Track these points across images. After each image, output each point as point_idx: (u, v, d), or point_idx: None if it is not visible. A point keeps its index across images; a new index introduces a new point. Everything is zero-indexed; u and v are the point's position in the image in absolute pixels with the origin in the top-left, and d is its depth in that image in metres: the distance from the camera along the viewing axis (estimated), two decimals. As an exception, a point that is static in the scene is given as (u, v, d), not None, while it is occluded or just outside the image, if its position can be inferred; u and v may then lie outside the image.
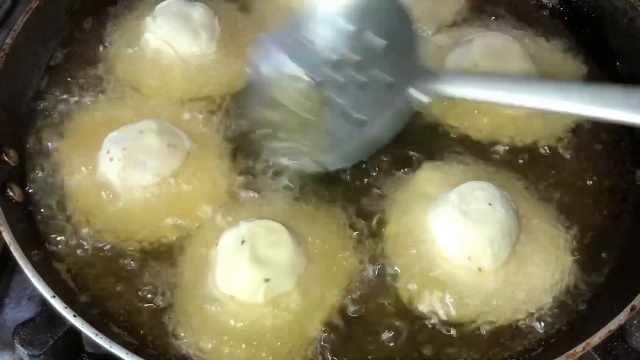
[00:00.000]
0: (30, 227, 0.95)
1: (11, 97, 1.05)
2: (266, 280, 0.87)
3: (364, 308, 0.91)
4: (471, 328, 0.90)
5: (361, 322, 0.90)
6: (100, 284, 0.92)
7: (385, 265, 0.94)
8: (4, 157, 0.98)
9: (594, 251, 0.97)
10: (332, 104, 0.98)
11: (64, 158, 1.02)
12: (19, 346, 0.86)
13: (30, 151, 1.02)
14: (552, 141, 1.07)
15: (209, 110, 1.08)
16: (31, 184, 0.99)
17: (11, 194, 0.96)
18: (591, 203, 1.02)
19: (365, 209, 0.99)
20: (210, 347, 0.87)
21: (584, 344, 0.82)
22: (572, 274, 0.94)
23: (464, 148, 1.05)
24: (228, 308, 0.88)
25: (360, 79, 0.97)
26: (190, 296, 0.90)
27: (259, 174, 1.01)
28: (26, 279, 0.86)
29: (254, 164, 1.02)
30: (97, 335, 0.81)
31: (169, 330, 0.89)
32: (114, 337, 0.82)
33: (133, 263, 0.93)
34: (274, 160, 1.00)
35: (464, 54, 1.09)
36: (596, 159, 1.07)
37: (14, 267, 1.02)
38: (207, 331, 0.88)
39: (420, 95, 0.93)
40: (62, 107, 1.08)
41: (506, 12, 1.23)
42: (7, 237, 0.88)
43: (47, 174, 1.00)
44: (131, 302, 0.91)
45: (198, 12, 1.11)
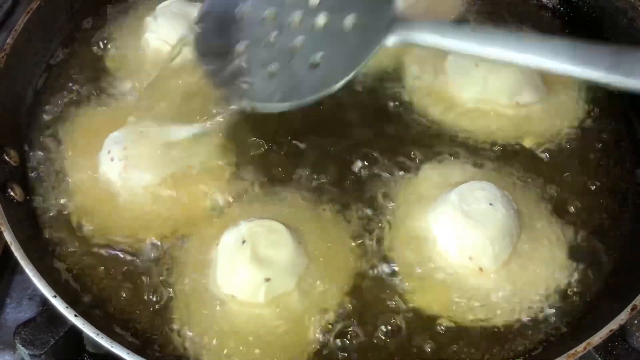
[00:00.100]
0: (31, 226, 0.95)
1: (12, 97, 1.05)
2: (267, 280, 0.87)
3: (364, 307, 0.91)
4: (471, 328, 0.90)
5: (362, 322, 0.90)
6: (101, 283, 0.92)
7: (385, 265, 0.94)
8: (5, 157, 0.99)
9: (594, 251, 0.97)
10: (285, 43, 0.95)
11: (65, 158, 1.02)
12: (20, 346, 0.86)
13: (31, 151, 1.02)
14: (552, 141, 1.07)
15: (209, 109, 1.08)
16: (32, 183, 0.99)
17: (12, 193, 0.96)
18: (591, 203, 1.02)
19: (365, 209, 0.99)
20: (210, 347, 0.87)
21: (584, 343, 0.82)
22: (573, 273, 0.94)
23: (464, 148, 1.05)
24: (229, 308, 0.88)
25: (321, 18, 0.94)
26: (191, 296, 0.90)
27: (259, 173, 1.01)
28: (27, 279, 0.86)
29: (254, 163, 1.02)
30: (98, 335, 0.81)
31: (169, 330, 0.89)
32: (115, 337, 0.82)
33: (134, 263, 0.93)
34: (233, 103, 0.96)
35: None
36: (596, 158, 1.07)
37: (15, 267, 1.02)
38: (207, 331, 0.88)
39: (390, 40, 0.90)
40: (62, 107, 1.08)
41: (506, 13, 1.23)
42: (8, 237, 0.88)
43: (48, 174, 1.00)
44: (132, 302, 0.91)
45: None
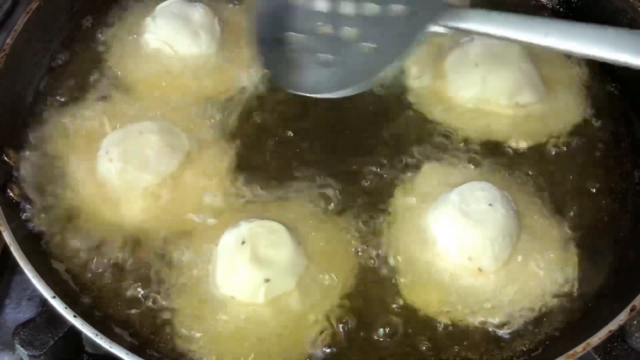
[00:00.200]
0: (31, 227, 0.95)
1: (11, 97, 1.05)
2: (266, 280, 0.87)
3: (364, 308, 0.91)
4: (471, 328, 0.90)
5: (361, 322, 0.90)
6: (100, 284, 0.92)
7: (385, 266, 0.94)
8: (4, 158, 0.99)
9: (594, 251, 0.97)
10: (342, 32, 0.95)
11: (64, 158, 1.01)
12: (19, 347, 0.86)
13: (31, 152, 1.02)
14: (552, 142, 1.07)
15: (208, 110, 1.08)
16: (31, 184, 0.99)
17: (11, 194, 0.96)
18: (591, 203, 1.02)
19: (365, 210, 0.99)
20: (210, 347, 0.87)
21: (584, 344, 0.82)
22: (572, 274, 0.94)
23: (464, 148, 1.05)
24: (228, 308, 0.88)
25: (372, 7, 0.94)
26: (191, 296, 0.90)
27: (259, 174, 1.01)
28: (26, 280, 0.86)
29: (254, 163, 1.02)
30: (97, 335, 0.81)
31: (169, 330, 0.88)
32: (114, 338, 0.82)
33: (133, 263, 0.93)
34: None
35: (464, 54, 1.09)
36: (596, 159, 1.07)
37: (14, 268, 1.02)
38: (207, 331, 0.88)
39: (437, 28, 0.90)
40: (62, 107, 1.07)
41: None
42: (7, 238, 0.88)
43: (47, 175, 1.00)
44: (131, 302, 0.91)
45: (198, 12, 1.11)
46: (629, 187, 1.05)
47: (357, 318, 0.90)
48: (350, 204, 0.99)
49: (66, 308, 0.83)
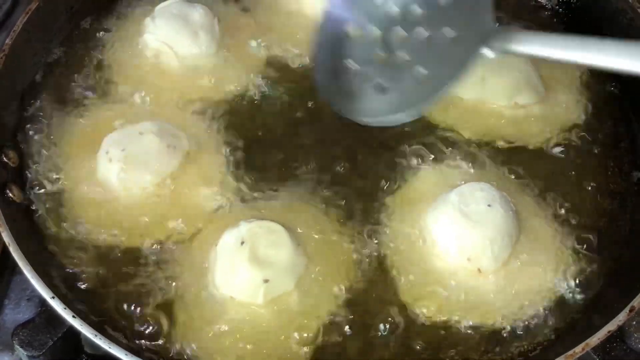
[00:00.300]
0: (30, 227, 0.95)
1: (11, 98, 1.05)
2: (266, 280, 0.87)
3: (363, 308, 0.91)
4: (470, 328, 0.90)
5: (360, 322, 0.90)
6: (100, 284, 0.92)
7: (385, 266, 0.94)
8: (4, 158, 0.98)
9: (593, 251, 0.97)
10: (395, 59, 0.95)
11: (63, 159, 1.01)
12: (18, 347, 0.86)
13: (30, 152, 1.02)
14: (552, 142, 1.07)
15: (208, 111, 1.08)
16: (30, 184, 0.99)
17: (10, 194, 0.95)
18: (590, 204, 1.02)
19: (365, 210, 0.99)
20: (209, 347, 0.87)
21: (583, 344, 0.82)
22: (571, 274, 0.94)
23: (463, 149, 1.05)
24: (227, 308, 0.88)
25: (424, 33, 0.94)
26: (190, 297, 0.90)
27: (258, 174, 1.01)
28: (25, 280, 0.86)
29: (253, 164, 1.02)
30: (96, 336, 0.81)
31: (168, 330, 0.88)
32: (112, 338, 0.82)
33: (132, 264, 0.93)
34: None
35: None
36: (595, 159, 1.07)
37: (14, 268, 1.01)
38: (206, 332, 0.88)
39: (488, 52, 0.88)
40: (62, 108, 1.07)
41: (506, 14, 1.23)
42: (7, 238, 0.88)
43: (47, 175, 1.00)
44: (130, 303, 0.90)
45: (198, 13, 1.11)
46: (629, 187, 1.05)
47: (356, 318, 0.90)
48: (349, 204, 0.99)
49: (65, 308, 0.83)
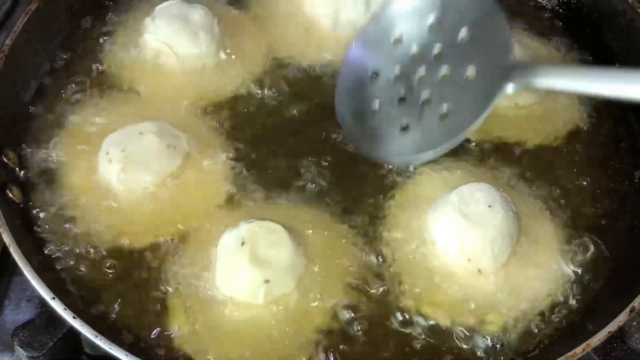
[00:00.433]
0: (30, 228, 0.95)
1: (11, 98, 1.05)
2: (266, 281, 0.87)
3: (363, 309, 0.91)
4: (470, 328, 0.89)
5: (360, 322, 0.90)
6: (100, 285, 0.92)
7: (384, 267, 0.94)
8: (4, 159, 0.98)
9: (593, 252, 0.97)
10: (418, 98, 0.96)
11: (63, 159, 1.01)
12: (18, 348, 0.86)
13: (30, 152, 1.02)
14: (552, 142, 1.07)
15: (208, 111, 1.08)
16: (30, 185, 0.99)
17: (10, 195, 0.96)
18: (591, 204, 1.02)
19: (365, 210, 0.99)
20: (209, 348, 0.87)
21: (583, 345, 0.82)
22: (572, 275, 0.94)
23: (463, 149, 1.05)
24: (228, 309, 0.88)
25: (445, 71, 0.95)
26: (190, 297, 0.90)
27: (258, 174, 1.01)
28: (26, 281, 0.86)
29: (253, 164, 1.02)
30: (96, 336, 0.81)
31: (168, 331, 0.88)
32: (113, 339, 0.82)
33: (133, 264, 0.93)
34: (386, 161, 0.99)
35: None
36: (596, 160, 1.07)
37: (14, 269, 1.01)
38: (206, 332, 0.88)
39: (510, 87, 0.89)
40: (61, 108, 1.07)
41: (505, 14, 1.22)
42: (7, 239, 0.88)
43: (47, 176, 1.00)
44: (130, 303, 0.91)
45: (198, 13, 1.11)
46: (629, 187, 1.05)
47: (357, 318, 0.90)
48: (349, 204, 0.99)
49: (65, 309, 0.83)
